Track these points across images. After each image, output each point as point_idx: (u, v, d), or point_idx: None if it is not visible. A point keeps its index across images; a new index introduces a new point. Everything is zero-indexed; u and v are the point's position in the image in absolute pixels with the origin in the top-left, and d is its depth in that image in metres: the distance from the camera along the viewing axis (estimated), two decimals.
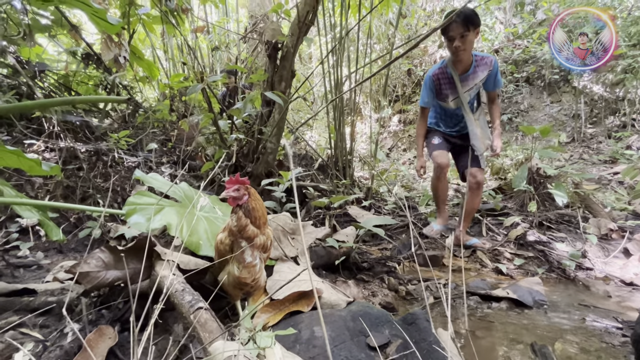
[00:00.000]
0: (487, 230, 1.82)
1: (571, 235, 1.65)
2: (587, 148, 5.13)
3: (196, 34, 3.99)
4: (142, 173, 0.91)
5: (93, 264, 0.74)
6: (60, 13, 2.15)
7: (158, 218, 0.72)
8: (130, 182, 2.44)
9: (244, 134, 2.26)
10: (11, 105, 1.15)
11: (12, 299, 0.70)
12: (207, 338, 0.48)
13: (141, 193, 0.78)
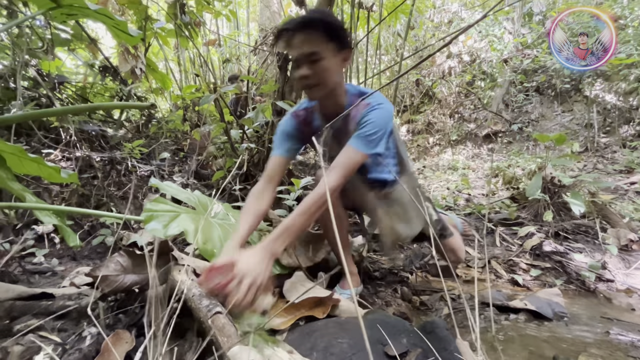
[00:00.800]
0: (500, 240, 1.79)
1: (589, 246, 1.60)
2: (602, 157, 5.03)
3: (208, 47, 4.10)
4: (157, 181, 0.92)
5: (112, 268, 0.75)
6: (80, 27, 2.24)
7: (174, 225, 0.72)
8: (143, 191, 2.48)
9: (254, 143, 2.29)
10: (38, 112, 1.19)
11: (31, 303, 0.71)
12: (225, 342, 0.48)
13: (158, 200, 0.79)
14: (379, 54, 3.85)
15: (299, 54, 0.95)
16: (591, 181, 1.59)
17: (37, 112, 1.46)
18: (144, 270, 0.77)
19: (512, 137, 6.16)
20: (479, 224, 2.12)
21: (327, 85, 1.00)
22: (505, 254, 1.63)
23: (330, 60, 0.97)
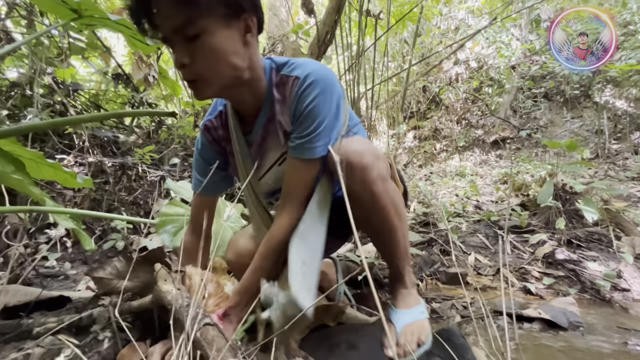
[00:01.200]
0: (512, 247, 1.76)
1: (603, 255, 1.57)
2: (613, 164, 4.96)
3: None
4: (172, 182, 0.94)
5: (108, 271, 0.76)
6: (95, 36, 2.30)
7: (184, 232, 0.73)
8: (153, 195, 2.51)
9: None
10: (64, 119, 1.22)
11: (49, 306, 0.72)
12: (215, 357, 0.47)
13: (172, 203, 0.80)
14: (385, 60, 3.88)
15: (167, 30, 0.63)
16: (604, 188, 1.56)
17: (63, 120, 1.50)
18: (138, 277, 0.78)
19: (521, 143, 6.11)
20: (488, 231, 2.09)
21: (222, 75, 0.67)
22: (517, 262, 1.61)
23: (219, 34, 0.63)
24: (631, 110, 5.49)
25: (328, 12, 2.25)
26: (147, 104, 3.00)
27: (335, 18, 2.27)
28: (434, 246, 1.94)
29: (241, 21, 0.66)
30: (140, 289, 0.76)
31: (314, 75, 0.71)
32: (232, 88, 0.72)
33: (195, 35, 0.62)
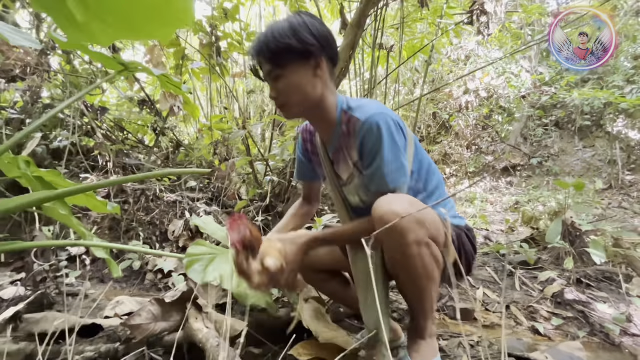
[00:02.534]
0: (520, 284, 1.77)
1: (613, 296, 1.56)
2: (627, 196, 4.89)
3: (234, 79, 4.37)
4: (197, 219, 1.01)
5: (144, 317, 0.82)
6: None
7: (212, 269, 0.80)
8: (169, 217, 2.60)
9: (277, 175, 2.40)
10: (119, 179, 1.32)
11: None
12: None
13: (198, 243, 0.87)
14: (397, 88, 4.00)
15: (264, 74, 0.91)
16: (612, 230, 1.58)
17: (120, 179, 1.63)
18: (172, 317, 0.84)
19: (532, 171, 6.08)
20: (497, 264, 2.10)
21: (298, 103, 0.89)
22: (526, 300, 1.61)
23: (294, 74, 0.86)
24: None
25: (343, 48, 2.37)
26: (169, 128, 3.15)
27: (350, 54, 2.40)
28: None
29: (311, 61, 0.87)
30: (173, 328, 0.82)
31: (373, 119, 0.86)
32: (307, 112, 0.94)
33: (277, 77, 0.88)
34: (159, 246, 2.44)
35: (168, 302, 0.80)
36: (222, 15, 2.67)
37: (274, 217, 2.33)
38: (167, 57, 3.32)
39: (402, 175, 0.87)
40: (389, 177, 0.85)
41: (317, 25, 0.88)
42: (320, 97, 0.91)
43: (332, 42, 0.91)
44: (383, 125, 0.84)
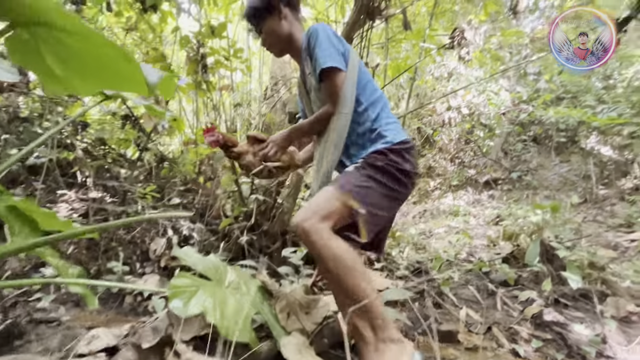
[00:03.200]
0: (502, 304, 1.80)
1: (589, 315, 1.61)
2: (601, 210, 5.09)
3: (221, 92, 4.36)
4: (178, 250, 0.99)
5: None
6: None
7: (194, 302, 0.78)
8: (150, 235, 2.54)
9: (263, 193, 2.38)
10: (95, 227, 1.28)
11: None
12: None
13: (181, 275, 0.85)
14: None
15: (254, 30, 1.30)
16: (588, 255, 1.64)
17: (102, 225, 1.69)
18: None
19: (512, 184, 6.28)
20: (480, 282, 2.14)
21: (276, 43, 1.28)
22: (507, 320, 1.64)
23: (267, 25, 1.24)
24: (616, 157, 5.73)
25: None
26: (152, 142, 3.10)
27: None
28: (426, 298, 1.97)
29: (275, 12, 1.22)
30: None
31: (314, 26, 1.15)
32: (284, 48, 1.30)
33: (259, 31, 1.28)
34: (140, 266, 2.36)
35: (145, 347, 0.77)
36: (208, 32, 2.68)
37: (259, 235, 2.31)
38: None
39: (331, 59, 1.09)
40: (321, 59, 1.09)
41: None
42: (288, 34, 1.25)
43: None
44: (320, 27, 1.13)
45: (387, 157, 1.09)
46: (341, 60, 1.12)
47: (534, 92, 5.70)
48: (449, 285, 2.03)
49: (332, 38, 1.13)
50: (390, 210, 1.14)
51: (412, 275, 2.32)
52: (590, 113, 4.73)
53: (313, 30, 1.14)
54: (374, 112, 1.17)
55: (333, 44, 1.12)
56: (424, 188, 6.80)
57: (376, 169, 1.08)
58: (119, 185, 2.57)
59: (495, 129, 5.66)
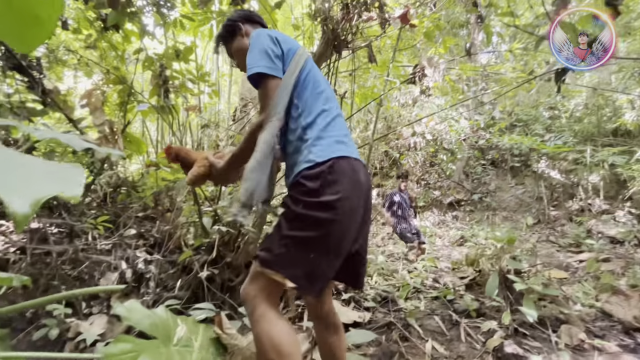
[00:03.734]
0: (465, 335, 1.82)
1: (546, 345, 1.67)
2: (553, 230, 5.46)
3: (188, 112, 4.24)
4: (120, 307, 0.90)
5: None
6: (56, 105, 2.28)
7: None
8: (101, 268, 2.33)
9: (226, 224, 2.28)
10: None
11: None
12: None
13: (119, 340, 0.76)
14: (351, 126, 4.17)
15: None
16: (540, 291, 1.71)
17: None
18: None
19: (474, 205, 6.59)
20: (445, 312, 2.16)
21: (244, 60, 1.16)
22: (470, 354, 1.66)
23: (235, 45, 1.28)
24: (563, 180, 6.22)
25: None
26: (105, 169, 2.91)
27: None
28: (393, 330, 1.95)
29: (237, 32, 1.27)
30: None
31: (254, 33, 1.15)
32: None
33: (230, 54, 1.33)
34: (86, 305, 2.15)
35: None
36: (173, 56, 2.61)
37: (222, 268, 2.19)
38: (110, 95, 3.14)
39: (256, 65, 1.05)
40: (248, 66, 1.06)
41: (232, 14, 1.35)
42: None
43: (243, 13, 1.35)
44: (255, 34, 1.12)
45: (303, 192, 0.96)
46: (270, 65, 1.03)
47: (490, 120, 6.12)
48: (415, 316, 2.03)
49: (264, 42, 1.06)
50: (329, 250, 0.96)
51: (380, 305, 2.30)
52: (540, 141, 5.14)
53: (251, 38, 1.11)
54: (309, 117, 1.02)
55: (264, 48, 1.05)
56: None
57: (294, 218, 0.96)
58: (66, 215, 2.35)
59: (457, 153, 5.97)
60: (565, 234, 5.18)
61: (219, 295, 1.98)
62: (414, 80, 2.29)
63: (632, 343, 1.75)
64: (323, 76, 1.18)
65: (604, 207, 5.32)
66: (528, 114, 5.96)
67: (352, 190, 0.97)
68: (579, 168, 5.28)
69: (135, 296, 2.18)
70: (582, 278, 3.30)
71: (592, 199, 5.52)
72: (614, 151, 4.52)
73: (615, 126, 4.96)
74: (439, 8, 2.49)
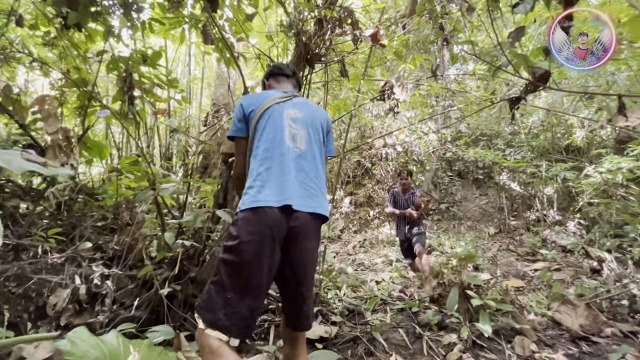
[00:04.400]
0: (427, 348, 1.87)
1: (501, 357, 1.75)
2: (512, 239, 5.78)
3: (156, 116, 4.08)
4: (63, 342, 0.83)
5: None
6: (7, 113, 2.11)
7: None
8: (51, 285, 2.16)
9: (191, 236, 2.21)
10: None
11: None
12: None
13: None
14: None
15: None
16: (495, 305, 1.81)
17: None
18: None
19: (441, 215, 6.85)
20: (409, 325, 2.21)
21: None
22: None
23: None
24: (522, 192, 6.62)
25: None
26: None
27: None
28: (359, 345, 1.97)
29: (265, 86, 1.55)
30: None
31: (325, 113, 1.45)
32: None
33: None
34: (32, 326, 1.99)
35: None
36: (139, 61, 2.51)
37: (186, 283, 2.11)
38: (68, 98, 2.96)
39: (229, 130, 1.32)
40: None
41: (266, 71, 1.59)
42: None
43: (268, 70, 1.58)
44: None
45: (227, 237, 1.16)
46: (234, 128, 1.30)
47: (457, 133, 6.42)
48: (380, 330, 2.06)
49: (236, 109, 1.31)
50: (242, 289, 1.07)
51: (347, 318, 2.31)
52: (501, 155, 5.45)
53: None
54: (251, 165, 1.22)
55: (234, 115, 1.31)
56: (365, 217, 7.05)
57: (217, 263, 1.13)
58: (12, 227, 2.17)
59: (426, 165, 6.19)
60: (523, 243, 5.51)
61: (180, 314, 1.90)
62: (383, 98, 2.35)
63: (577, 352, 1.89)
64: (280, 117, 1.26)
65: (557, 217, 5.72)
66: (491, 129, 6.31)
67: (254, 235, 1.08)
68: (535, 181, 5.65)
69: (89, 315, 2.04)
70: (536, 287, 3.52)
71: (547, 210, 5.91)
72: (566, 166, 4.89)
73: (567, 143, 5.36)
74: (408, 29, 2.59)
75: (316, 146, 1.28)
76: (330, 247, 5.99)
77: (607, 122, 1.82)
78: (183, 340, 1.42)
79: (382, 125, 5.73)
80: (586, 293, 2.73)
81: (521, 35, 1.59)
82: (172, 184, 1.88)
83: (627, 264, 3.29)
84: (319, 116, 1.37)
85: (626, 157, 3.85)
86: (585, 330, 2.17)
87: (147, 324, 1.91)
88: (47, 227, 2.41)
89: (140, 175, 2.30)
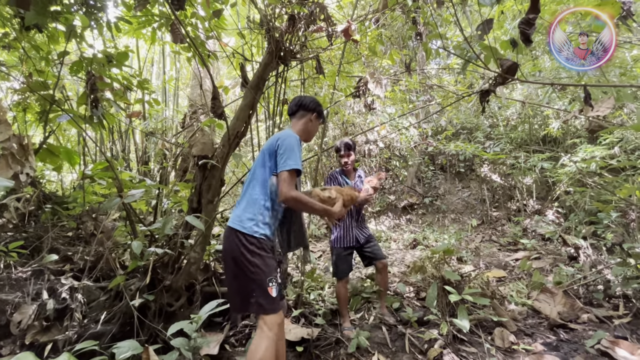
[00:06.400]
0: (409, 345, 1.86)
1: (481, 349, 1.76)
2: (494, 230, 5.89)
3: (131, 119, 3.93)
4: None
5: None
6: None
7: None
8: (15, 301, 2.04)
9: (165, 243, 2.13)
10: None
11: None
12: None
13: None
14: None
15: None
16: (473, 300, 1.81)
17: None
18: None
19: (426, 209, 6.91)
20: (392, 320, 2.19)
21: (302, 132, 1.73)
22: None
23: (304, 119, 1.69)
24: (503, 183, 6.75)
25: (241, 108, 2.35)
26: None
27: (249, 113, 2.38)
28: (342, 347, 1.94)
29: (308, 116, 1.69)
30: None
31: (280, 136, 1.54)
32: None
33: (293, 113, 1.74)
34: None
35: None
36: (104, 62, 2.39)
37: (160, 292, 2.03)
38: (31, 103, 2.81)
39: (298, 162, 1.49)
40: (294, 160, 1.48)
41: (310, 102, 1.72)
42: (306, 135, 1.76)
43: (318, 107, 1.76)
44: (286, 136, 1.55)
45: None
46: None
47: (438, 128, 6.48)
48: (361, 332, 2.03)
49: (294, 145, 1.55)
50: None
51: (329, 320, 2.28)
52: (481, 148, 5.52)
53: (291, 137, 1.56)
54: None
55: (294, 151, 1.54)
56: None
57: None
58: None
59: (409, 159, 6.22)
60: (505, 233, 5.61)
61: (153, 326, 1.82)
62: (358, 94, 2.32)
63: (555, 340, 1.92)
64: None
65: (536, 207, 5.85)
66: (471, 122, 6.39)
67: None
68: (515, 172, 5.76)
69: (56, 332, 1.94)
70: (517, 276, 3.58)
71: (527, 200, 6.04)
72: (543, 157, 4.99)
73: (544, 134, 5.48)
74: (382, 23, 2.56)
75: (257, 168, 1.53)
76: (317, 246, 5.96)
77: (579, 113, 1.85)
78: (152, 355, 1.36)
79: (364, 122, 5.72)
80: (564, 280, 2.78)
81: (489, 28, 1.58)
82: (140, 190, 1.79)
83: (602, 250, 3.38)
84: (269, 143, 1.55)
85: (599, 146, 3.95)
86: (563, 317, 2.21)
87: (120, 337, 1.83)
88: (10, 240, 2.28)
89: (111, 182, 2.20)
